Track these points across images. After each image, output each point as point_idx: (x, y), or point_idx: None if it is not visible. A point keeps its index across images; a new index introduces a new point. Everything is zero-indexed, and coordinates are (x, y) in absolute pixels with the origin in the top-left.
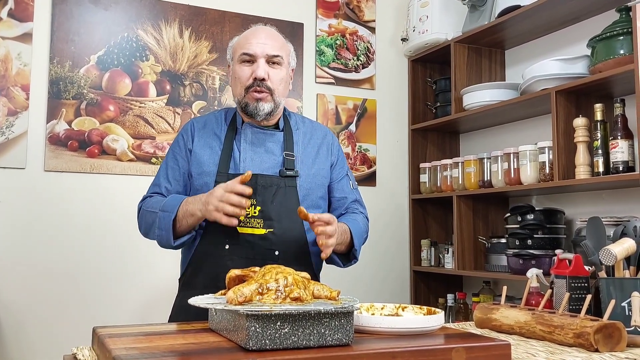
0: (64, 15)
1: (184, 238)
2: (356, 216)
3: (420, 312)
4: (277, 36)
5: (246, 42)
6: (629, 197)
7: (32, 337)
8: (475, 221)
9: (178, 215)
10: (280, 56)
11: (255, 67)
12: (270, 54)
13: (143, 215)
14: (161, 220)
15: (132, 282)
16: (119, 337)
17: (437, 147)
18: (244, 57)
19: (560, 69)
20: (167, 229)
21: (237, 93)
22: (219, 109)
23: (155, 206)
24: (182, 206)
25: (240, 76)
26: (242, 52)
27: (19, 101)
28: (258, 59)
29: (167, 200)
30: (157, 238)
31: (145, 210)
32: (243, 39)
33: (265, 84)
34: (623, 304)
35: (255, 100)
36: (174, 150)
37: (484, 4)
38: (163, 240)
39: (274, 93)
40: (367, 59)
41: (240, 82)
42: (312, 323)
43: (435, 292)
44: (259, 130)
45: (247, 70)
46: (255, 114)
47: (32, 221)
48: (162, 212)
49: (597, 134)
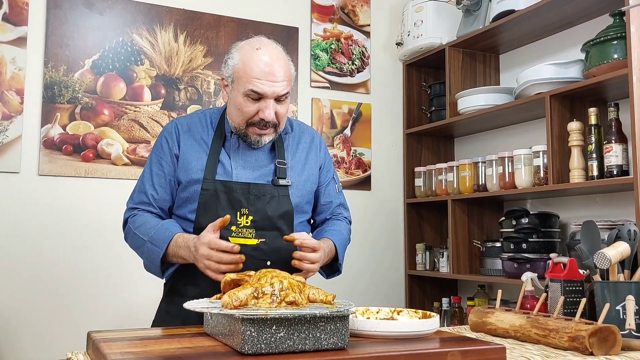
0: (59, 19)
1: (171, 269)
2: (340, 225)
3: (416, 316)
4: (285, 67)
5: (254, 76)
6: (623, 201)
7: (26, 342)
8: (470, 225)
9: (168, 252)
10: (288, 92)
11: (263, 106)
12: (281, 94)
13: (131, 236)
14: (150, 253)
15: (128, 286)
16: (114, 342)
17: (432, 151)
18: (251, 94)
19: (554, 74)
20: (156, 263)
21: (236, 122)
22: (202, 110)
23: (143, 232)
24: (172, 247)
25: (244, 111)
26: (249, 89)
27: (14, 105)
28: (267, 99)
29: (156, 233)
30: (145, 267)
31: (133, 231)
32: (250, 70)
33: (272, 122)
34: (617, 308)
35: (257, 135)
36: (158, 155)
37: (478, 9)
38: (151, 272)
39: (278, 126)
40: (362, 64)
41: (242, 115)
42: (308, 327)
43: (430, 296)
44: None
45: (252, 107)
46: (254, 145)
47: (26, 225)
48: (151, 244)
49: (591, 138)
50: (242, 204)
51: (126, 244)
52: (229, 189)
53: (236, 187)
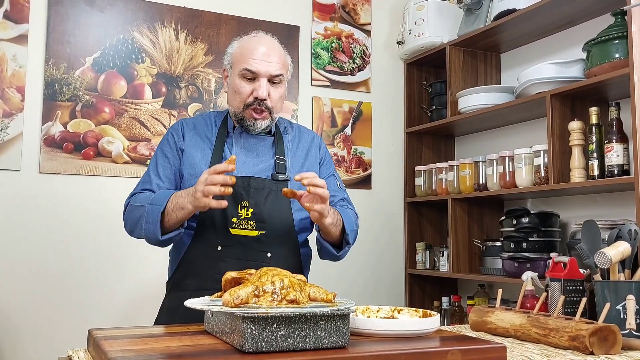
0: (60, 17)
1: (172, 233)
2: (345, 209)
3: (416, 315)
4: (280, 52)
5: (249, 56)
6: (623, 200)
7: (26, 339)
8: (470, 224)
9: (167, 208)
10: (282, 75)
11: (257, 85)
12: (274, 74)
13: (130, 211)
14: (149, 213)
15: (128, 284)
16: (114, 339)
17: (433, 150)
18: (246, 72)
19: (555, 73)
20: (155, 221)
21: (234, 106)
22: (207, 112)
23: (143, 201)
24: (171, 199)
25: (241, 92)
26: (244, 68)
27: (14, 103)
28: (261, 78)
29: (156, 195)
30: (144, 232)
31: (133, 205)
32: (246, 52)
33: (265, 103)
34: (618, 307)
35: (253, 118)
36: (164, 149)
37: (479, 8)
38: (150, 234)
39: (273, 111)
40: (363, 62)
41: (239, 97)
42: (309, 325)
43: (430, 295)
44: (250, 134)
45: (247, 87)
46: (251, 130)
47: (27, 223)
48: (151, 205)
49: (592, 137)
50: (242, 196)
51: (126, 242)
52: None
53: (237, 180)
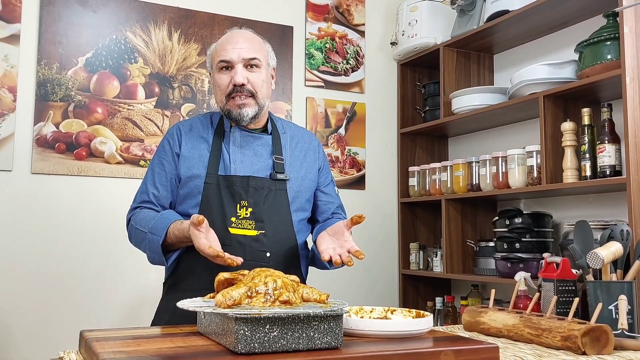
0: (52, 17)
1: (176, 254)
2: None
3: (409, 315)
4: (252, 38)
5: (222, 48)
6: (616, 201)
7: (18, 340)
8: (463, 225)
9: (170, 237)
10: (257, 58)
11: (233, 73)
12: (247, 57)
13: (132, 231)
14: (151, 242)
15: (121, 285)
16: (106, 341)
17: (426, 151)
18: (222, 64)
19: (548, 74)
20: (158, 252)
21: (219, 100)
22: (204, 113)
23: (143, 225)
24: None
25: (220, 84)
26: (219, 60)
27: (6, 103)
28: (235, 64)
29: (156, 221)
30: (149, 258)
31: (134, 227)
32: (219, 46)
33: (246, 88)
34: (610, 307)
35: (237, 106)
36: (160, 156)
37: (472, 9)
38: (155, 261)
39: (257, 96)
40: (357, 63)
41: (220, 90)
42: (301, 326)
43: (423, 296)
44: (247, 133)
45: (225, 78)
46: (239, 120)
47: (19, 224)
48: (151, 235)
49: (585, 138)
50: (241, 196)
51: (119, 242)
52: (230, 182)
53: (236, 180)
